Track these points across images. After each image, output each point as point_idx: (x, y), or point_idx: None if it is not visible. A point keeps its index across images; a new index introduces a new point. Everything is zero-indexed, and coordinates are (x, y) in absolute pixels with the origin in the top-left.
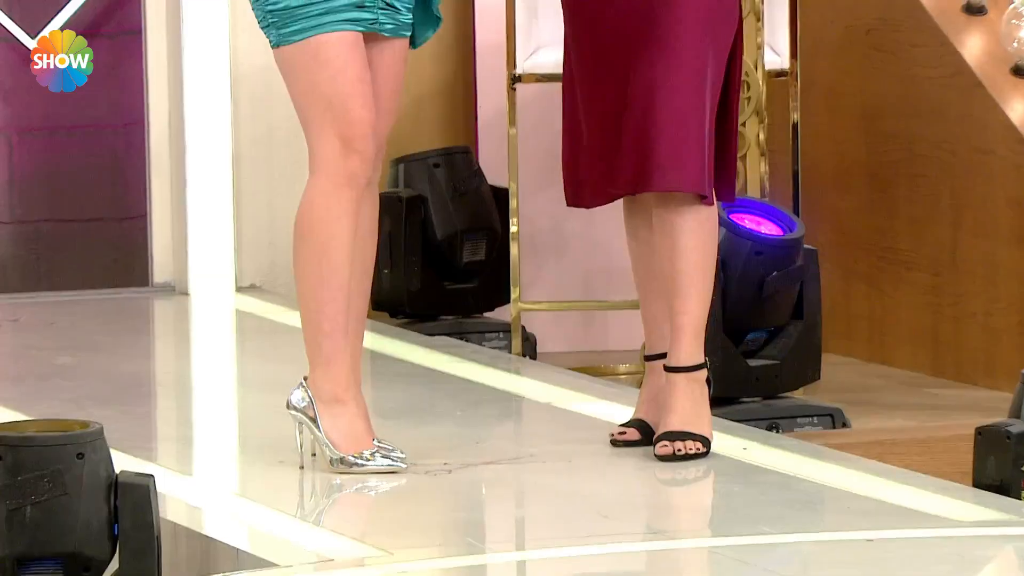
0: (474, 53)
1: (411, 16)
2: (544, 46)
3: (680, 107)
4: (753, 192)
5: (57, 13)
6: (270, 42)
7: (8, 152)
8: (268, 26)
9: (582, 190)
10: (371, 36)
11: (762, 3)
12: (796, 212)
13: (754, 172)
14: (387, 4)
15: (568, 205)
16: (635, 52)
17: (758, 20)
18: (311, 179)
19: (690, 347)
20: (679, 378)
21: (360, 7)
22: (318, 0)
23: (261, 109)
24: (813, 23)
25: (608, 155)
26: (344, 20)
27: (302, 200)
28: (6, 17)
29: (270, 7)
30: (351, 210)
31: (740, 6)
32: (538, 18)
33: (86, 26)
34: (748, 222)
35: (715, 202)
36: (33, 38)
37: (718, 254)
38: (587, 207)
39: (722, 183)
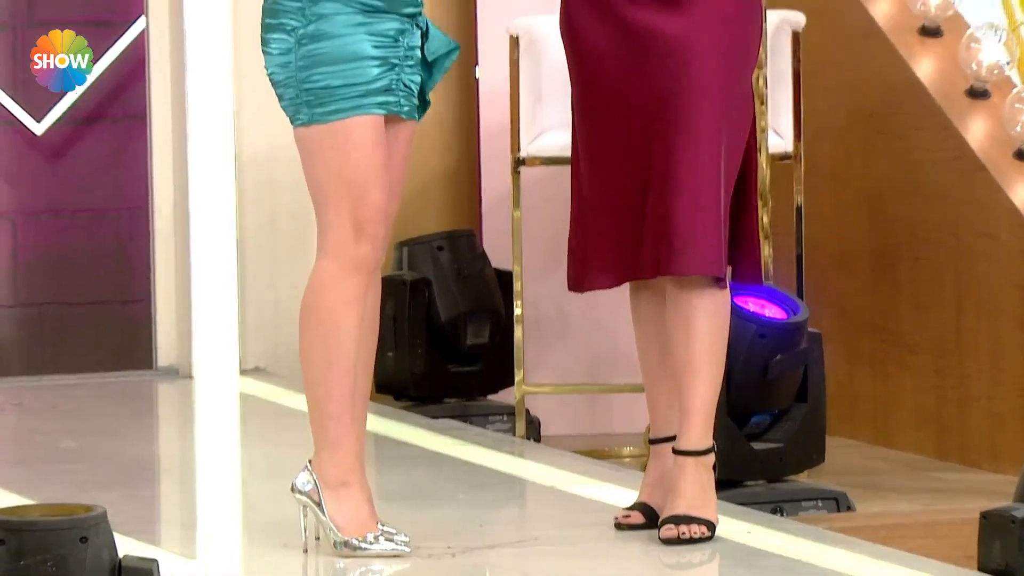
0: (478, 136)
1: (418, 100)
2: (548, 130)
3: (696, 191)
4: None
5: (63, 97)
6: (297, 120)
7: (12, 235)
8: (301, 104)
9: (589, 273)
10: (388, 118)
11: (765, 87)
12: (800, 295)
13: None
14: (406, 86)
15: (570, 289)
16: (650, 136)
17: (762, 103)
18: (320, 261)
19: (700, 430)
20: (688, 461)
21: (388, 91)
22: (358, 82)
23: (265, 194)
24: (816, 107)
25: (621, 239)
26: (377, 104)
27: (310, 282)
28: (11, 101)
29: (308, 85)
30: (359, 295)
31: (753, 91)
32: (542, 102)
33: (91, 110)
34: (752, 305)
35: (728, 286)
36: (39, 122)
37: None
38: (594, 290)
39: (747, 266)
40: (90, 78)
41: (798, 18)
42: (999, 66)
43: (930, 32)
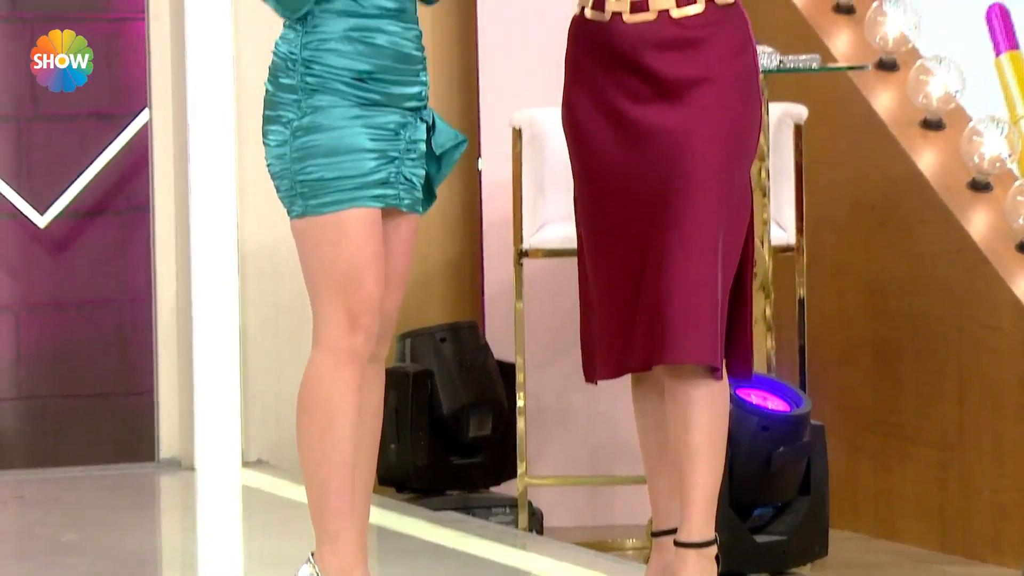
0: (481, 228)
1: (422, 193)
2: (551, 222)
3: (693, 282)
4: (760, 367)
5: (66, 189)
6: (292, 212)
7: (15, 328)
8: (295, 196)
9: (595, 364)
10: (388, 211)
11: (768, 179)
12: (803, 387)
13: (760, 347)
14: (406, 179)
15: (586, 380)
16: (648, 227)
17: (764, 196)
18: (314, 353)
19: (701, 522)
20: (690, 554)
21: (385, 184)
22: (353, 175)
23: (268, 286)
24: (819, 199)
25: (620, 329)
26: (372, 196)
27: (305, 375)
28: (14, 193)
29: (302, 177)
30: (354, 386)
31: (752, 183)
32: (545, 194)
33: (94, 202)
34: (755, 397)
35: (725, 377)
36: (42, 215)
37: None
38: (601, 380)
39: (738, 361)
40: (93, 170)
41: (800, 111)
42: (1001, 159)
43: (932, 125)
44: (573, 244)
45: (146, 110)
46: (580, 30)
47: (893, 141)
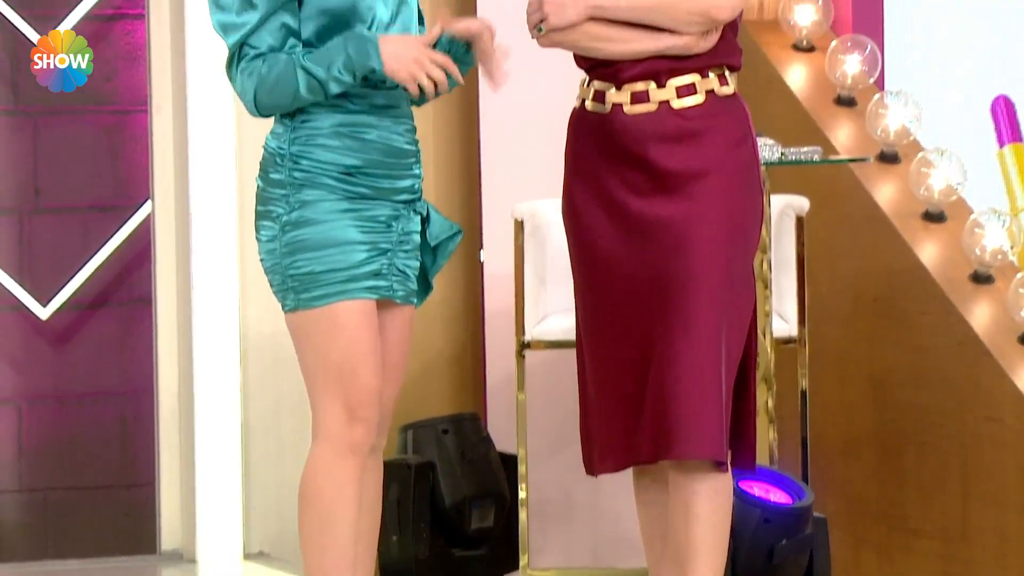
0: (483, 319)
1: (417, 284)
2: (553, 313)
3: (697, 376)
4: (762, 459)
5: (68, 281)
6: (285, 306)
7: (17, 420)
8: (287, 290)
9: (596, 456)
10: (383, 302)
11: (770, 271)
12: (805, 480)
13: (763, 439)
14: (399, 271)
15: (587, 473)
16: (650, 320)
17: (766, 287)
18: (314, 446)
19: None
20: None
21: (377, 275)
22: (342, 268)
23: (270, 378)
24: (821, 291)
25: (624, 422)
26: (364, 288)
27: (305, 467)
28: (17, 285)
29: (292, 272)
30: (354, 478)
31: (754, 275)
32: (547, 285)
33: (97, 294)
34: (757, 490)
35: (729, 469)
36: (44, 307)
37: None
38: (603, 473)
39: (741, 453)
40: (95, 262)
41: (802, 203)
42: (1003, 251)
43: (934, 217)
44: (575, 336)
45: (148, 202)
46: (580, 122)
47: (895, 233)
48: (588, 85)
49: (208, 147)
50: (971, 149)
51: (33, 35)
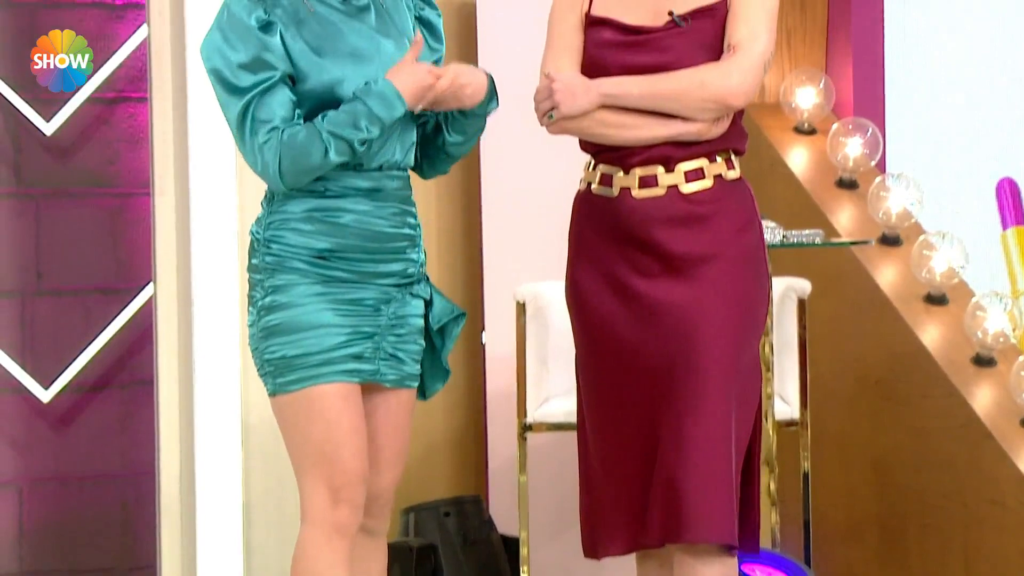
0: (484, 401)
1: (419, 367)
2: (555, 396)
3: (708, 459)
4: (765, 542)
5: (70, 363)
6: (267, 390)
7: (18, 503)
8: (265, 375)
9: (600, 539)
10: (375, 386)
11: (772, 353)
12: (808, 563)
13: (765, 522)
14: (389, 355)
15: (585, 556)
16: (658, 403)
17: (768, 370)
18: (302, 528)
19: None
20: None
21: (359, 358)
22: (315, 351)
23: (271, 459)
24: (823, 373)
25: (630, 504)
26: (341, 372)
27: (295, 551)
28: (18, 367)
29: (268, 356)
30: (342, 559)
31: (760, 358)
32: (549, 368)
33: (98, 377)
34: (760, 573)
35: (737, 553)
36: (46, 389)
37: None
38: (607, 556)
39: (746, 535)
40: (97, 344)
41: (804, 285)
42: (1004, 334)
43: (936, 300)
44: (576, 418)
45: (150, 285)
46: (586, 205)
47: (897, 316)
48: (594, 168)
49: (210, 230)
50: (972, 231)
51: (37, 119)
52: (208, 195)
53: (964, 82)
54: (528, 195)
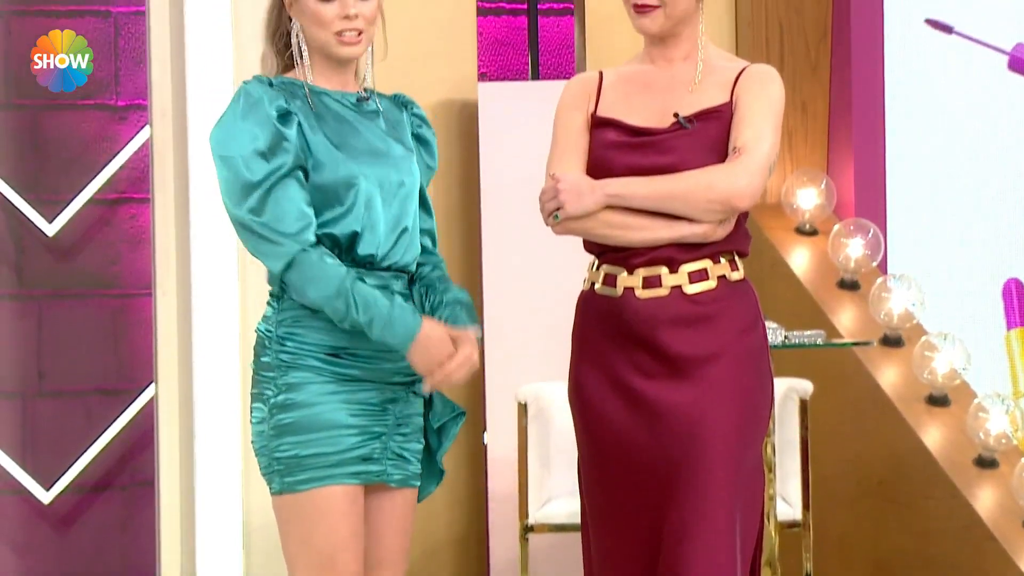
0: (486, 502)
1: (419, 467)
2: (556, 496)
3: (713, 562)
4: None
5: (71, 465)
6: (271, 489)
7: None
8: (272, 473)
9: None
10: (377, 487)
11: (773, 454)
12: None
13: None
14: (396, 455)
15: None
16: (662, 505)
17: (770, 471)
18: None
19: None
20: None
21: (367, 460)
22: (329, 452)
23: (273, 562)
24: (825, 474)
25: None
26: (351, 474)
27: None
28: (19, 468)
29: (279, 455)
30: None
31: (763, 461)
32: (550, 468)
33: (99, 478)
34: None
35: None
36: (47, 490)
37: None
38: None
39: None
40: (98, 445)
41: (805, 386)
42: (1007, 435)
43: (937, 401)
44: (579, 519)
45: (152, 385)
46: (589, 305)
47: (899, 417)
48: (598, 268)
49: (212, 331)
50: (975, 331)
51: (40, 220)
52: (210, 295)
53: (965, 183)
54: (530, 295)
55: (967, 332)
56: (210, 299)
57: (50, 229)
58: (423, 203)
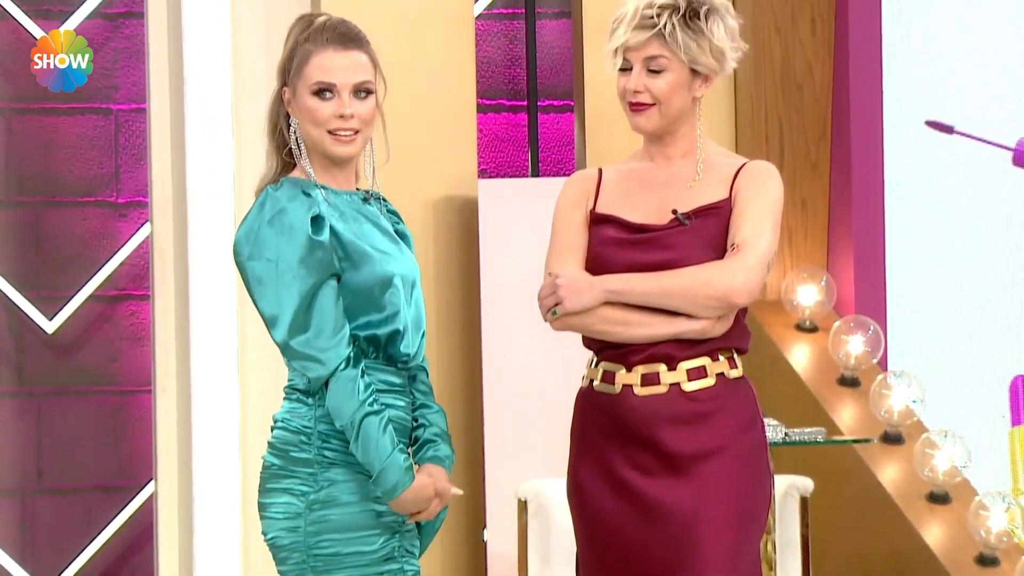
0: None
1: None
2: None
3: None
4: None
5: (71, 562)
6: None
7: None
8: (306, 568)
9: None
10: None
11: (774, 552)
12: None
13: None
14: (408, 551)
15: None
16: None
17: (771, 569)
18: None
19: None
20: None
21: (389, 559)
22: (366, 551)
23: None
24: (826, 573)
25: None
26: (381, 572)
27: None
28: (18, 567)
29: (317, 551)
30: None
31: (761, 556)
32: (551, 566)
33: (100, 573)
34: None
35: None
36: None
37: None
38: None
39: None
40: (97, 543)
41: (806, 484)
42: (1008, 533)
43: (938, 499)
44: None
45: (151, 483)
46: (588, 402)
47: (900, 514)
48: (596, 365)
49: (211, 428)
50: (975, 428)
51: (40, 317)
52: (210, 393)
53: (966, 280)
54: (530, 392)
55: (968, 428)
56: (210, 396)
57: (50, 326)
58: None
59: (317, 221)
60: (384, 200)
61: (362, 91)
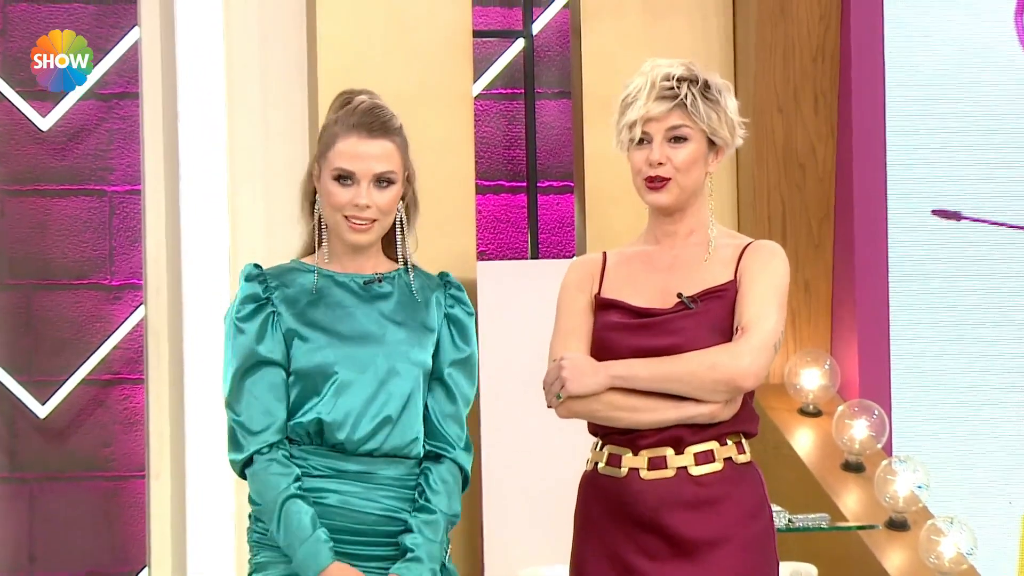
0: None
1: None
2: None
3: None
4: None
5: None
6: None
7: None
8: None
9: None
10: None
11: None
12: None
13: None
14: None
15: None
16: None
17: None
18: None
19: None
20: None
21: None
22: None
23: None
24: None
25: None
26: None
27: None
28: None
29: None
30: None
31: None
32: None
33: None
34: None
35: None
36: None
37: None
38: None
39: None
40: None
41: (810, 571)
42: None
43: None
44: None
45: (145, 570)
46: (592, 486)
47: None
48: (601, 448)
49: (205, 514)
50: (982, 514)
51: (32, 402)
52: (204, 478)
53: (968, 362)
54: (530, 476)
55: (974, 515)
56: (204, 482)
57: (42, 411)
58: (442, 386)
59: (257, 311)
60: (451, 283)
61: (384, 180)
